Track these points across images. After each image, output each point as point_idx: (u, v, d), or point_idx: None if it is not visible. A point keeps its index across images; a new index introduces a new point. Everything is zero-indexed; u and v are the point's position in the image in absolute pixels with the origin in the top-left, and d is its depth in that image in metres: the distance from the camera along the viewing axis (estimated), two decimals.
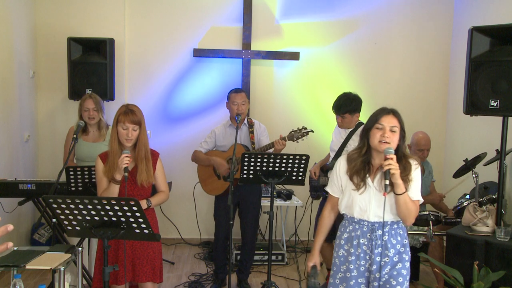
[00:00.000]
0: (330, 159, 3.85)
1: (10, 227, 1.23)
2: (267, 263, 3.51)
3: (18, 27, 4.61)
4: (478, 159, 3.99)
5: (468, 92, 3.56)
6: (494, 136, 3.90)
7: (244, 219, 4.01)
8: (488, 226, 3.47)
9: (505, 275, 3.15)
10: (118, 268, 2.43)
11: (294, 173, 3.32)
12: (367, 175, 2.41)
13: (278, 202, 4.78)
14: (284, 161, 3.25)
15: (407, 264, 2.44)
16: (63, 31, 4.89)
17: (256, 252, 4.55)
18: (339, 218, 3.81)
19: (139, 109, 2.86)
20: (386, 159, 2.29)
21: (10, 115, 4.46)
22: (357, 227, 2.45)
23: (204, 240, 5.29)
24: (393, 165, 2.27)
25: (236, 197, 3.82)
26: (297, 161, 3.26)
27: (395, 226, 2.43)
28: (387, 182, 2.27)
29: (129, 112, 2.77)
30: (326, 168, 3.87)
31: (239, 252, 4.56)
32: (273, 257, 4.65)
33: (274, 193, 3.83)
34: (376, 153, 2.40)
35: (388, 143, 2.35)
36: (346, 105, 3.62)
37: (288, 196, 4.83)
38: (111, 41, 4.68)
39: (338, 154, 3.74)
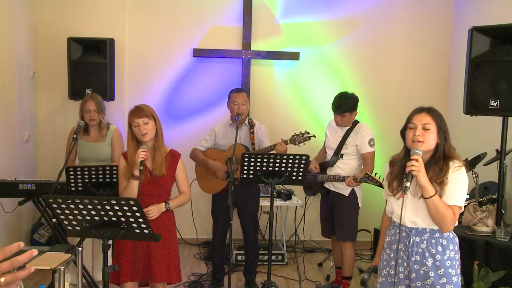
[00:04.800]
0: (329, 156, 3.88)
1: (35, 252, 1.09)
2: (267, 263, 3.51)
3: (18, 27, 4.61)
4: (478, 159, 3.99)
5: (468, 92, 3.57)
6: (494, 136, 3.90)
7: (243, 220, 3.99)
8: (488, 226, 3.48)
9: (505, 275, 3.15)
10: (118, 268, 2.44)
11: (294, 173, 3.31)
12: (405, 180, 2.29)
13: (278, 202, 4.77)
14: (284, 161, 3.24)
15: (455, 280, 2.29)
16: (63, 31, 4.88)
17: None
18: (349, 214, 3.79)
19: (148, 105, 2.93)
20: (410, 160, 2.24)
21: (10, 115, 4.46)
22: (397, 231, 2.39)
23: (204, 240, 5.28)
24: (416, 167, 2.20)
25: (234, 197, 3.79)
26: (297, 161, 3.26)
27: (437, 235, 2.31)
28: (408, 184, 2.21)
29: (136, 110, 2.86)
30: (325, 166, 3.89)
31: (239, 252, 4.58)
32: (273, 257, 4.65)
33: (274, 193, 3.83)
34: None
35: (420, 141, 2.27)
36: (346, 104, 3.69)
37: (288, 196, 4.83)
38: (111, 41, 4.68)
39: (337, 152, 3.80)
